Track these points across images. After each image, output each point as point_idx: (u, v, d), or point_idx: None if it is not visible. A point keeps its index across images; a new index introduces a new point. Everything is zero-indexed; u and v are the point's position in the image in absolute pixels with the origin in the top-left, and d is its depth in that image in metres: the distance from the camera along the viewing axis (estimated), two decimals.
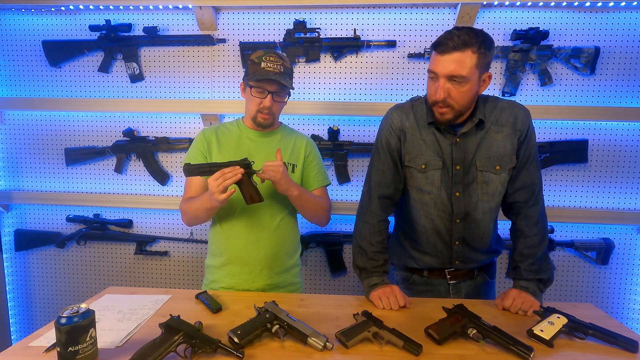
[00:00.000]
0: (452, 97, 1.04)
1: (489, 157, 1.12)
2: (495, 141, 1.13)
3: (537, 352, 0.89)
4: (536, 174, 1.16)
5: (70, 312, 0.80)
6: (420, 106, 1.19)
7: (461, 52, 0.99)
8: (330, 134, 1.90)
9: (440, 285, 1.27)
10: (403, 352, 0.89)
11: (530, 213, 1.16)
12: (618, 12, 1.80)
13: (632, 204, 1.89)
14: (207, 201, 1.16)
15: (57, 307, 2.15)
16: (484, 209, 1.16)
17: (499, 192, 1.16)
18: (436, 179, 1.15)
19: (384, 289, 1.16)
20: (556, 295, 1.96)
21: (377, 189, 1.22)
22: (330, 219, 1.43)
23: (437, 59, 1.03)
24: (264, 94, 1.23)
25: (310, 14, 1.90)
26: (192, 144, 1.35)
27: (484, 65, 1.03)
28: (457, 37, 0.99)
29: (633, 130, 1.85)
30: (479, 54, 1.00)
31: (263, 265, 1.31)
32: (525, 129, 1.13)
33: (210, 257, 1.38)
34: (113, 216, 2.07)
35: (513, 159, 1.13)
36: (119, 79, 2.00)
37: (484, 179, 1.13)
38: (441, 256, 1.23)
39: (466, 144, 1.13)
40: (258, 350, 0.90)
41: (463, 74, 1.00)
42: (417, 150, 1.16)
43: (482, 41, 1.01)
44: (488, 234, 1.21)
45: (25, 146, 2.07)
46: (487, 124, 1.13)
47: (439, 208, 1.17)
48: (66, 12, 1.97)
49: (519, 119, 1.13)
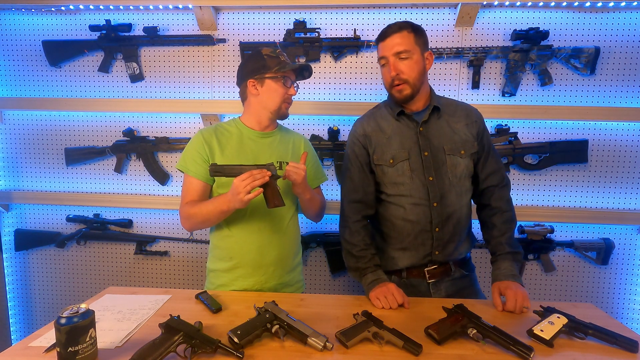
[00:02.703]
0: (403, 71, 1.20)
1: (454, 142, 1.25)
2: (456, 129, 1.27)
3: (537, 352, 0.89)
4: (499, 159, 1.33)
5: (70, 312, 0.80)
6: (379, 111, 1.34)
7: (399, 34, 1.20)
8: (330, 134, 1.90)
9: (421, 285, 1.30)
10: (403, 352, 0.89)
11: (502, 193, 1.31)
12: (618, 12, 1.80)
13: (632, 204, 1.89)
14: (225, 203, 1.15)
15: (57, 307, 2.15)
16: (457, 192, 1.26)
17: (464, 175, 1.27)
18: (406, 169, 1.25)
19: (381, 288, 1.19)
20: (556, 295, 1.97)
21: (347, 194, 1.33)
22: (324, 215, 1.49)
23: (382, 46, 1.23)
24: (288, 83, 1.28)
25: (310, 14, 1.90)
26: (189, 145, 1.30)
27: (422, 43, 1.22)
28: (393, 25, 1.21)
29: (633, 130, 1.85)
30: (414, 33, 1.21)
31: (275, 265, 1.31)
32: (481, 121, 1.31)
33: (215, 262, 1.34)
34: (113, 216, 2.08)
35: (475, 145, 1.27)
36: (119, 79, 2.00)
37: (452, 162, 1.25)
38: (422, 248, 1.27)
39: (429, 131, 1.26)
40: (258, 350, 0.89)
41: (407, 48, 1.19)
42: (383, 148, 1.28)
43: (413, 25, 1.22)
44: (463, 220, 1.28)
45: (25, 146, 2.07)
46: (443, 113, 1.28)
47: (415, 195, 1.25)
48: (66, 12, 1.97)
49: (473, 112, 1.31)
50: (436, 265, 1.28)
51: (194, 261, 2.08)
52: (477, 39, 1.85)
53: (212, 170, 1.16)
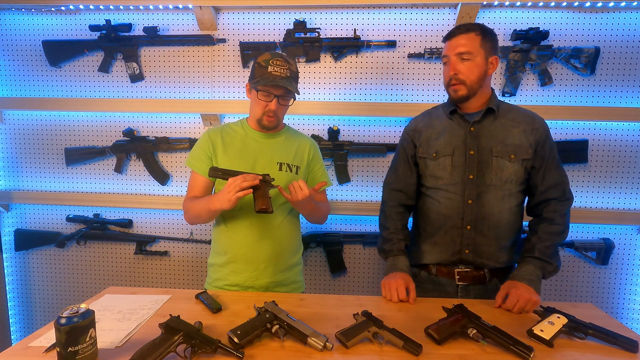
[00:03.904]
0: (461, 72, 1.21)
1: (504, 146, 1.24)
2: (512, 133, 1.25)
3: (537, 352, 0.89)
4: (563, 172, 1.29)
5: (70, 312, 0.79)
6: (436, 110, 1.38)
7: (466, 35, 1.20)
8: (330, 134, 1.90)
9: (449, 286, 1.29)
10: (403, 352, 0.89)
11: (559, 207, 1.26)
12: (618, 12, 1.80)
13: (632, 204, 1.89)
14: (213, 202, 1.18)
15: (57, 307, 2.15)
16: (497, 194, 1.24)
17: (511, 180, 1.24)
18: (447, 165, 1.27)
19: (390, 278, 1.22)
20: (556, 295, 1.97)
21: (389, 183, 1.41)
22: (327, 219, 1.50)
23: (447, 45, 1.24)
24: (270, 98, 1.25)
25: (310, 14, 1.90)
26: (196, 144, 1.36)
27: (489, 48, 1.21)
28: (463, 26, 1.22)
29: (633, 130, 1.85)
30: (482, 36, 1.20)
31: (267, 262, 1.32)
32: (544, 130, 1.26)
33: (214, 256, 1.39)
34: (113, 216, 2.08)
35: (529, 152, 1.24)
36: (119, 79, 2.00)
37: (498, 164, 1.23)
38: (452, 245, 1.27)
39: (480, 132, 1.26)
40: (258, 350, 0.89)
41: (469, 50, 1.19)
42: (429, 142, 1.31)
43: (484, 28, 1.22)
44: (502, 225, 1.25)
45: (25, 146, 2.07)
46: (499, 116, 1.26)
47: (451, 190, 1.26)
48: (66, 12, 1.97)
49: (537, 120, 1.27)
50: (469, 269, 1.27)
51: (194, 261, 2.08)
52: None
53: (211, 172, 1.20)
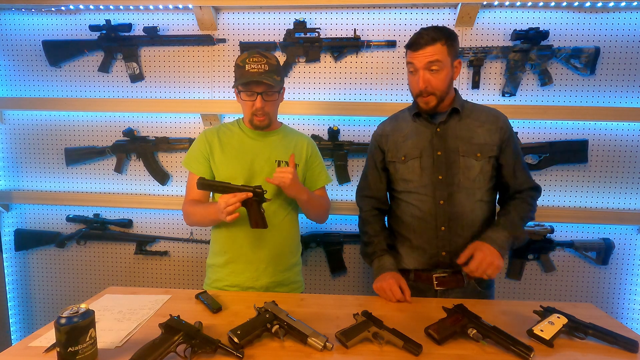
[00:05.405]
0: (432, 85, 1.20)
1: (470, 145, 1.25)
2: (477, 132, 1.26)
3: (537, 352, 0.89)
4: (527, 171, 1.31)
5: (70, 312, 0.80)
6: (402, 113, 1.39)
7: (432, 46, 1.16)
8: (330, 134, 1.90)
9: (428, 292, 1.29)
10: (403, 352, 0.89)
11: (534, 194, 1.30)
12: (618, 12, 1.80)
13: (632, 204, 1.89)
14: (214, 214, 1.19)
15: (57, 307, 2.15)
16: (467, 193, 1.25)
17: (479, 179, 1.25)
18: (416, 167, 1.28)
19: (382, 282, 1.22)
20: (556, 295, 1.97)
21: (361, 189, 1.44)
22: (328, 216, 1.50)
23: (413, 55, 1.20)
24: (254, 96, 1.24)
25: (310, 14, 1.90)
26: (193, 145, 1.36)
27: (453, 53, 1.21)
28: (426, 34, 1.17)
29: (633, 130, 1.85)
30: (447, 45, 1.18)
31: (267, 262, 1.32)
32: (508, 128, 1.28)
33: (213, 256, 1.38)
34: (113, 216, 2.07)
35: (494, 149, 1.25)
36: (119, 79, 2.00)
37: (465, 164, 1.24)
38: (428, 247, 1.27)
39: (447, 132, 1.27)
40: (258, 350, 0.89)
41: (439, 60, 1.17)
42: (397, 146, 1.32)
43: (448, 34, 1.19)
44: (476, 223, 1.26)
45: (25, 146, 2.07)
46: (464, 116, 1.27)
47: (422, 192, 1.27)
48: (66, 12, 1.97)
49: (501, 119, 1.29)
50: (446, 274, 1.27)
51: (194, 261, 2.08)
52: (477, 39, 1.85)
53: (199, 184, 1.19)
